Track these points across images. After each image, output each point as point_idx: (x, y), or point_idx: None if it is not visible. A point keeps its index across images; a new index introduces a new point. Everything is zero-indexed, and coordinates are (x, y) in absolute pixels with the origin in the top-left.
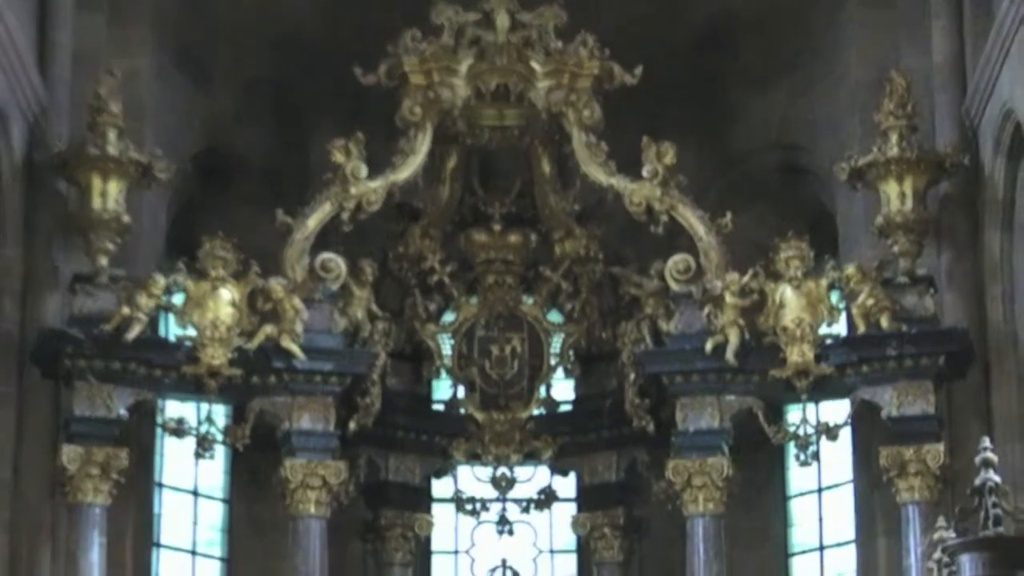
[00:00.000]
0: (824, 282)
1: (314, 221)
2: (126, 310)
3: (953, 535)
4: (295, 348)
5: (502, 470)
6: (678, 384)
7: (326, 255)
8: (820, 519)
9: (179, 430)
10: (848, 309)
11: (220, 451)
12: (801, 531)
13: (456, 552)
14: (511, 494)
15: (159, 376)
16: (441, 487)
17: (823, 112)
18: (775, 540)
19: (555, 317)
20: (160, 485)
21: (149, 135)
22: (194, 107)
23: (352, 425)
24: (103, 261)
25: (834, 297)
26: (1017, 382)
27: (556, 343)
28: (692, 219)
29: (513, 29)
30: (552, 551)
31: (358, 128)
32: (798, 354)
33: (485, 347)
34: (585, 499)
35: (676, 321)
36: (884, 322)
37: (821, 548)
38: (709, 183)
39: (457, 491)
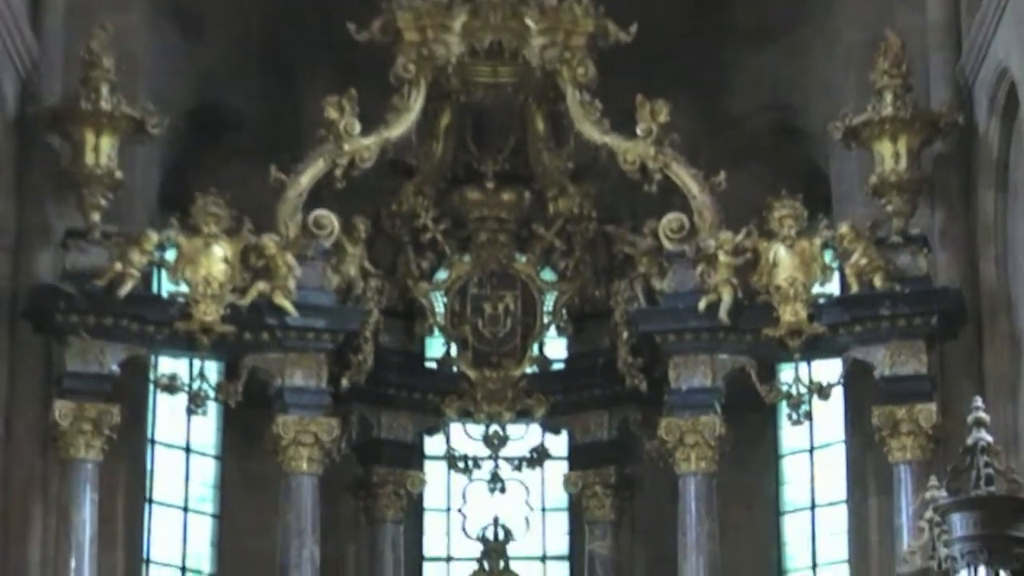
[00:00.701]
0: (817, 241)
1: (307, 178)
2: (119, 266)
3: (945, 494)
4: (288, 305)
5: (494, 428)
6: (671, 343)
7: (319, 212)
8: (812, 478)
9: (171, 386)
10: (841, 268)
11: (212, 407)
12: (793, 490)
13: (448, 510)
14: (503, 452)
15: (152, 332)
16: (433, 445)
17: (817, 71)
18: (767, 499)
19: (548, 275)
20: (152, 441)
21: (142, 90)
22: (187, 62)
23: (344, 382)
24: (96, 217)
25: (827, 256)
26: (1010, 342)
27: (549, 301)
28: (686, 178)
29: None
30: (544, 509)
31: (352, 84)
32: (791, 313)
33: (478, 305)
34: (577, 457)
35: (669, 280)
36: (877, 281)
37: (813, 507)
38: (703, 142)
39: (449, 449)
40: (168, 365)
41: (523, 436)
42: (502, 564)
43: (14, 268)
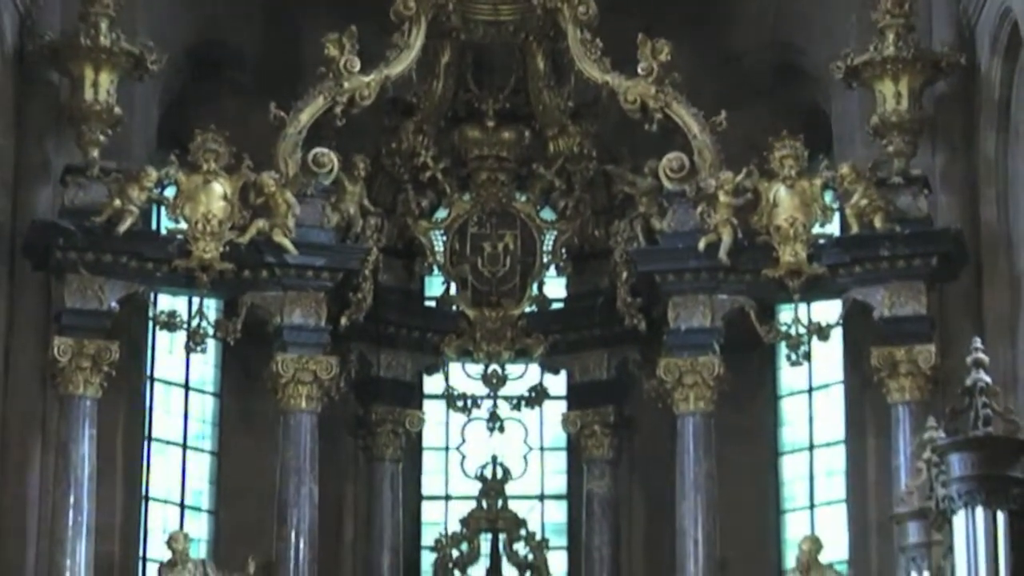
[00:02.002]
0: (818, 182)
1: (307, 115)
2: (118, 203)
3: (943, 435)
4: (287, 243)
5: (493, 367)
6: (670, 283)
7: (319, 150)
8: (810, 418)
9: (170, 323)
10: (841, 209)
11: (211, 345)
12: (791, 430)
13: (446, 448)
14: (502, 391)
15: (151, 269)
16: (432, 383)
17: (819, 11)
18: (765, 439)
19: (548, 215)
20: (151, 378)
21: (141, 26)
22: None
23: (344, 320)
24: (95, 153)
25: (827, 197)
26: (1009, 284)
27: (548, 241)
28: (686, 117)
29: None
30: (542, 448)
31: (352, 22)
32: (791, 254)
33: (477, 244)
34: (576, 397)
35: (669, 219)
36: (877, 222)
37: (811, 447)
38: (704, 81)
39: (448, 388)
40: (167, 302)
41: (522, 375)
42: (500, 503)
43: (13, 204)
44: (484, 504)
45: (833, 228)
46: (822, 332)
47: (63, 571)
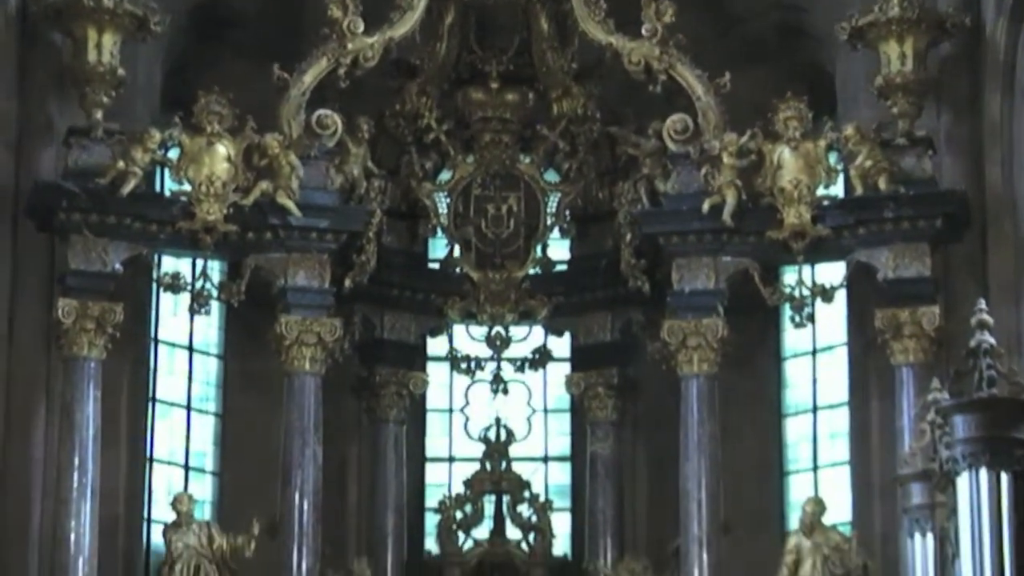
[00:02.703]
0: (822, 143)
1: (310, 77)
2: (121, 164)
3: (947, 397)
4: (291, 204)
5: (497, 329)
6: (674, 244)
7: (322, 111)
8: (814, 380)
9: (174, 285)
10: (846, 170)
11: (215, 307)
12: (795, 392)
13: (450, 410)
14: (506, 353)
15: (154, 231)
16: (436, 345)
17: None
18: (769, 401)
19: (552, 176)
20: (155, 340)
21: None
22: None
23: (347, 282)
24: (98, 114)
25: (832, 158)
26: (1013, 245)
27: (552, 202)
28: (690, 78)
29: None
30: (546, 410)
31: None
32: (795, 215)
33: (481, 206)
34: (579, 359)
35: (673, 181)
36: (882, 184)
37: (814, 409)
38: (708, 42)
39: (452, 349)
40: (171, 264)
41: (526, 337)
42: (504, 465)
43: (16, 166)
44: (488, 466)
45: (837, 190)
46: (826, 294)
47: (67, 532)
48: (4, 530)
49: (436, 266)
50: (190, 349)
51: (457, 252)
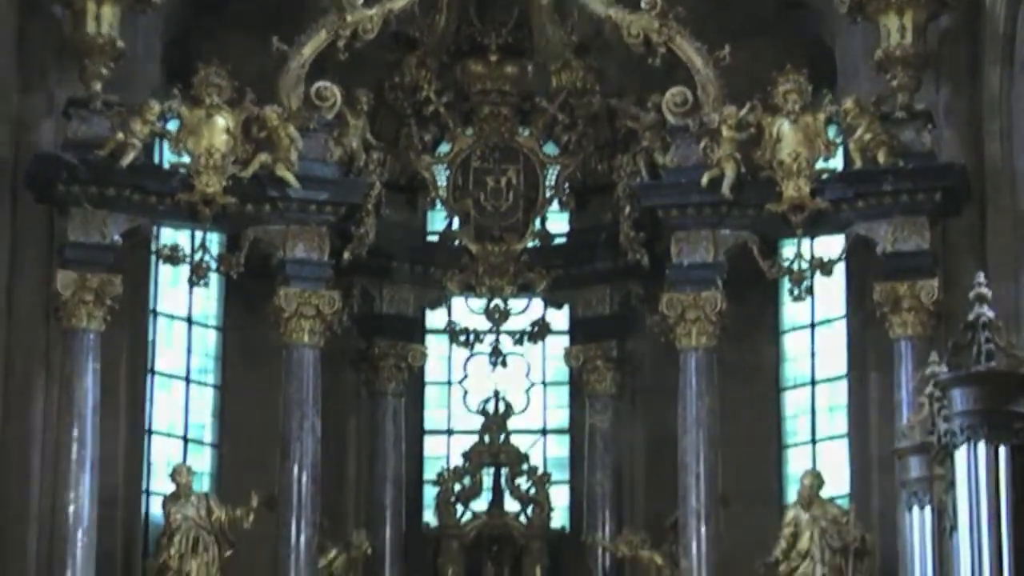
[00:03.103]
0: (822, 116)
1: (310, 49)
2: (120, 136)
3: (945, 370)
4: (290, 176)
5: (496, 302)
6: (673, 217)
7: (321, 83)
8: (813, 354)
9: (173, 257)
10: (845, 143)
11: (214, 279)
12: (793, 366)
13: (449, 383)
14: (504, 326)
15: (154, 203)
16: (435, 318)
17: None
18: (767, 374)
19: (551, 149)
20: (154, 312)
21: None
22: None
23: (346, 255)
24: (97, 86)
25: (831, 131)
26: (1012, 219)
27: (552, 175)
28: (690, 51)
29: None
30: (545, 383)
31: None
32: (794, 188)
33: (480, 178)
34: (578, 332)
35: (672, 154)
36: (881, 157)
37: (813, 383)
38: (708, 15)
39: (451, 322)
40: (170, 236)
41: (524, 310)
42: (502, 437)
43: (16, 137)
44: (486, 439)
45: (836, 163)
46: (825, 267)
47: (67, 504)
48: (3, 502)
49: (435, 239)
50: (189, 321)
51: (456, 225)
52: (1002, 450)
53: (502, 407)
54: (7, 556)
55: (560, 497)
